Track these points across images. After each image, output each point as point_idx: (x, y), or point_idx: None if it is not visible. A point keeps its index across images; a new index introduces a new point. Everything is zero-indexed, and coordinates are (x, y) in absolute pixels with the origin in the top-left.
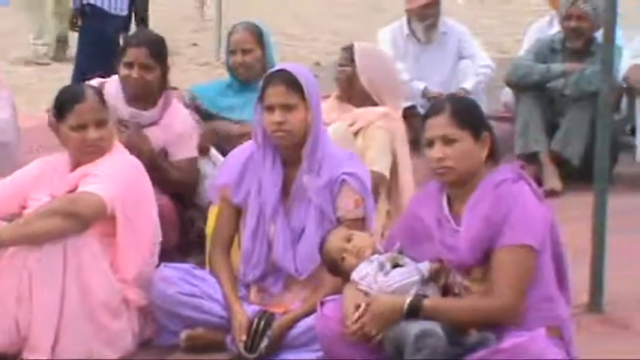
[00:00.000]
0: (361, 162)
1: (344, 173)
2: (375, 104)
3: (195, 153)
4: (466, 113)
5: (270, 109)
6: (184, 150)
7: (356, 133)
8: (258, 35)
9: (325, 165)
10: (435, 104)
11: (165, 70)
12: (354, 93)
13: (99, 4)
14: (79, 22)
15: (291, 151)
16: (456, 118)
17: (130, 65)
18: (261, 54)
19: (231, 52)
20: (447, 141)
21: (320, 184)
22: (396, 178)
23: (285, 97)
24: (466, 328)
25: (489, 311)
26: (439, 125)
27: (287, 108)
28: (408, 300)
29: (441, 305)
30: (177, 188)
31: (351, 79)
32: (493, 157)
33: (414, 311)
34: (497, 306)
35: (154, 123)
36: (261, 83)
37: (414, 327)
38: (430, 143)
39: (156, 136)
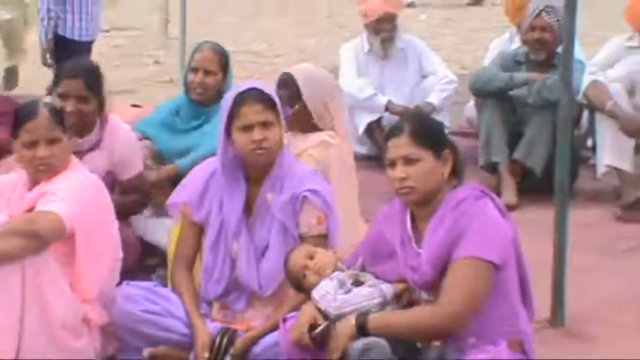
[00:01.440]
0: (324, 179)
1: (306, 190)
2: (319, 128)
3: (141, 167)
4: (426, 132)
5: (248, 128)
6: (131, 168)
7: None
8: (223, 59)
9: (288, 182)
10: (395, 125)
11: (101, 99)
12: (298, 119)
13: (68, 35)
14: (50, 58)
15: (258, 169)
16: (416, 137)
17: (65, 97)
18: (222, 79)
19: (192, 69)
20: (409, 161)
21: (283, 200)
22: None
23: (264, 115)
24: (416, 339)
25: (435, 319)
26: (400, 146)
27: (266, 125)
28: (354, 319)
29: (386, 319)
30: (133, 209)
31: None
32: (456, 173)
33: (363, 329)
34: (443, 313)
35: (93, 147)
36: (225, 105)
37: (359, 343)
38: (392, 164)
39: (98, 160)
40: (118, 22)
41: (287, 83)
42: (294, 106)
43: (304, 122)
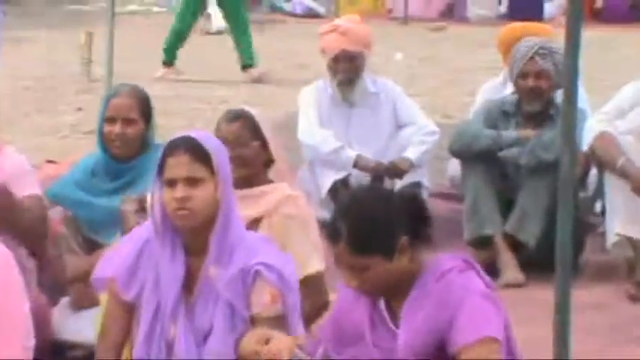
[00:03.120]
0: (280, 249)
1: (258, 263)
2: (266, 181)
3: (38, 191)
4: (366, 235)
5: (172, 183)
6: (25, 186)
7: (256, 221)
8: (144, 104)
9: (237, 253)
10: (330, 231)
11: None
12: (254, 170)
13: None
14: None
15: (195, 236)
16: (357, 246)
17: None
18: (144, 128)
19: (108, 119)
20: (360, 270)
21: (230, 275)
22: None
23: (189, 169)
24: None
25: None
26: (342, 255)
27: (192, 182)
28: None
29: None
30: (29, 235)
31: (258, 154)
32: (423, 240)
33: None
34: None
35: None
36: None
37: None
38: (342, 268)
39: None
40: (30, 61)
41: (241, 117)
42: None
43: (254, 170)
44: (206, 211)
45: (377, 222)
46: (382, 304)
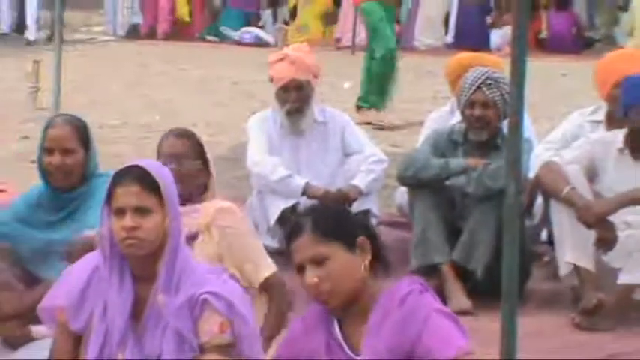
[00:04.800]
0: (229, 277)
1: (206, 292)
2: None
3: None
4: (330, 223)
5: (121, 212)
6: None
7: (191, 237)
8: (82, 132)
9: (184, 281)
10: (294, 223)
11: None
12: (189, 189)
13: None
14: None
15: (144, 264)
16: (320, 232)
17: None
18: (84, 157)
19: (46, 150)
20: (317, 262)
21: (178, 303)
22: None
23: (138, 199)
24: None
25: None
26: (304, 246)
27: (141, 212)
28: None
29: None
30: None
31: (196, 173)
32: (380, 261)
33: None
34: None
35: None
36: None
37: None
38: (300, 268)
39: None
40: None
41: (187, 135)
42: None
43: (190, 189)
44: (154, 241)
45: (340, 214)
46: (338, 331)
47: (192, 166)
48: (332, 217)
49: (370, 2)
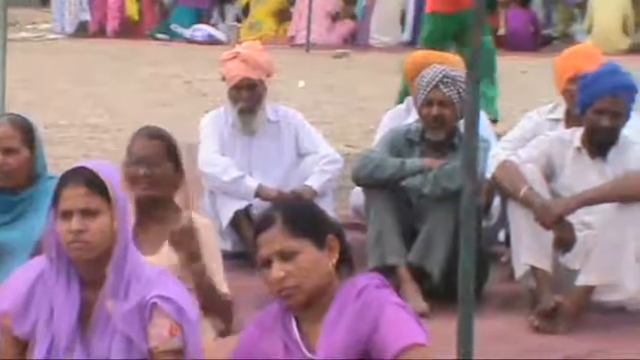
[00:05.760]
0: (179, 280)
1: (156, 296)
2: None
3: None
4: (301, 218)
5: (67, 215)
6: None
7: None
8: (26, 132)
9: (133, 285)
10: (264, 216)
11: None
12: (163, 193)
13: None
14: None
15: (91, 268)
16: (291, 226)
17: None
18: (30, 156)
19: None
20: (286, 256)
21: (126, 308)
22: None
23: (85, 201)
24: None
25: None
26: (273, 239)
27: (88, 214)
28: None
29: None
30: None
31: (169, 176)
32: (346, 262)
33: None
34: None
35: None
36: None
37: None
38: (267, 262)
39: None
40: None
41: (159, 136)
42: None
43: (163, 192)
44: (102, 243)
45: (311, 209)
46: (295, 330)
47: (165, 169)
48: (304, 213)
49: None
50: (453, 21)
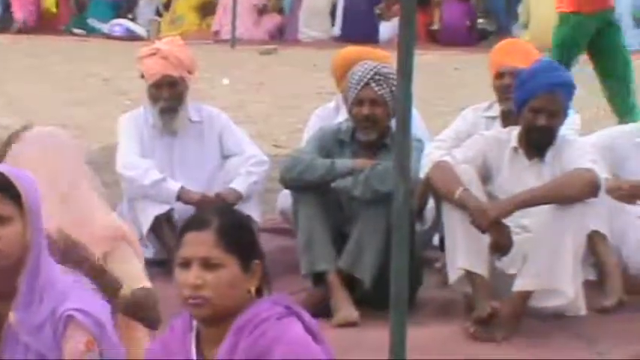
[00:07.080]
0: (94, 291)
1: (71, 309)
2: None
3: None
4: (237, 233)
5: None
6: None
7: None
8: None
9: (47, 297)
10: (199, 215)
11: None
12: None
13: None
14: None
15: (2, 279)
16: (224, 238)
17: None
18: None
19: None
20: (209, 265)
21: (38, 321)
22: None
23: None
24: None
25: None
26: (202, 244)
27: None
28: None
29: None
30: None
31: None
32: (263, 290)
33: None
34: None
35: None
36: None
37: None
38: (186, 263)
39: None
40: None
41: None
42: None
43: None
44: (14, 252)
45: (248, 229)
46: (194, 352)
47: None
48: (240, 229)
49: None
50: (592, 23)
